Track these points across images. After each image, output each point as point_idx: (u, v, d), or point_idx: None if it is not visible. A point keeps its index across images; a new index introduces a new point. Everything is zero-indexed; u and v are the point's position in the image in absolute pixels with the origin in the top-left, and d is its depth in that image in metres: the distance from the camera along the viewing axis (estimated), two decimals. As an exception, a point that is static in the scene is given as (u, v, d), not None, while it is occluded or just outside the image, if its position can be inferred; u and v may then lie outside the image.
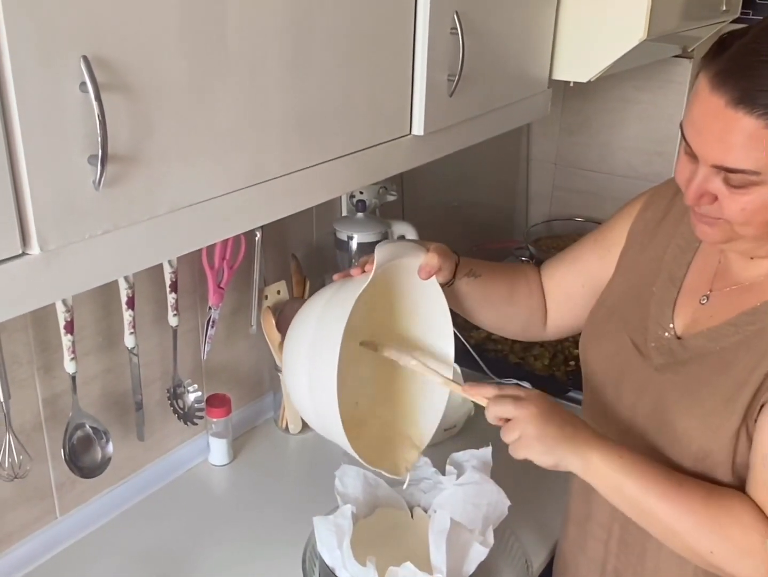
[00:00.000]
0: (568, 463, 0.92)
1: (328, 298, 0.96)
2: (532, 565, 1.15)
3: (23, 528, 1.20)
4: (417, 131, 1.09)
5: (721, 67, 0.81)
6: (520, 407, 0.92)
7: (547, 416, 0.92)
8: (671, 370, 0.97)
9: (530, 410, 0.92)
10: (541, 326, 1.20)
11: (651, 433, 0.99)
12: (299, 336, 0.97)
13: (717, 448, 0.92)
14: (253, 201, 0.88)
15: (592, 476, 0.93)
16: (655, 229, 1.07)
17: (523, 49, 1.30)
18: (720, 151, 0.82)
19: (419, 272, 1.00)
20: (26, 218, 0.67)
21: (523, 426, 0.92)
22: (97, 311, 1.21)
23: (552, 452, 0.91)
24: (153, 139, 0.74)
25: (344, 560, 1.04)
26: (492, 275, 1.13)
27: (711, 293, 0.99)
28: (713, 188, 0.85)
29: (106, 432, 1.20)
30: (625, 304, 1.06)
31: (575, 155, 2.16)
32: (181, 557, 1.24)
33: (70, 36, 0.65)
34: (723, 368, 0.92)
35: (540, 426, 0.91)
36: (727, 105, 0.80)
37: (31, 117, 0.64)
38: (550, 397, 0.96)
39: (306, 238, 1.58)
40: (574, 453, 0.91)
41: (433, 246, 1.02)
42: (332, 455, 1.35)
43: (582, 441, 0.92)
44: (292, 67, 0.87)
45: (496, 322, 1.19)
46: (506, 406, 0.93)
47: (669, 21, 1.40)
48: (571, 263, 1.17)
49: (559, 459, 0.92)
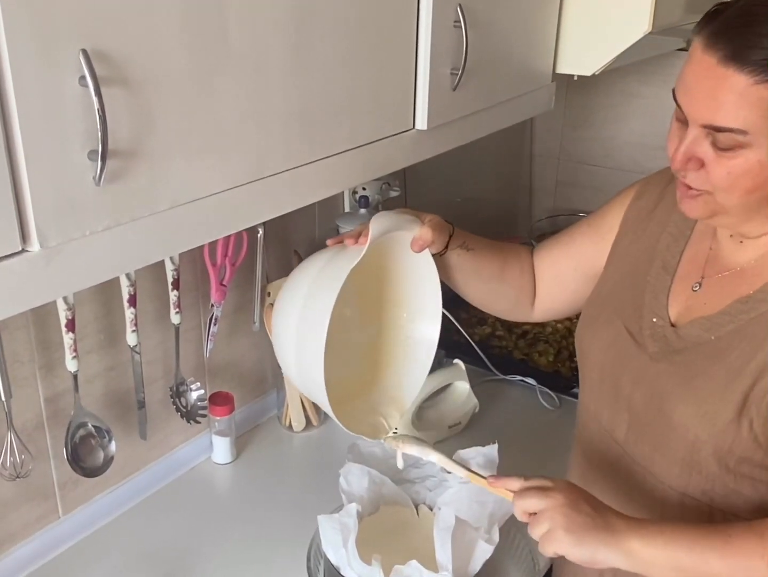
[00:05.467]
0: (605, 557, 0.86)
1: (321, 266, 0.97)
2: (539, 563, 1.14)
3: (26, 528, 1.20)
4: (420, 126, 1.08)
5: (714, 29, 0.82)
6: (546, 498, 0.88)
7: (576, 505, 0.87)
8: (666, 359, 0.97)
9: (557, 500, 0.87)
10: (529, 307, 1.20)
11: (647, 421, 0.99)
12: (290, 301, 0.97)
13: (711, 437, 0.91)
14: (256, 197, 0.87)
15: (639, 564, 0.86)
16: (647, 218, 1.07)
17: (527, 42, 1.29)
18: (710, 109, 0.83)
19: (412, 245, 1.01)
20: (26, 215, 0.66)
21: (550, 518, 0.87)
22: (98, 309, 1.20)
23: (583, 544, 0.86)
24: (154, 134, 0.73)
25: (349, 558, 1.03)
26: (484, 251, 1.13)
27: (703, 280, 0.99)
28: (701, 152, 0.86)
29: (108, 431, 1.19)
30: (619, 293, 1.06)
31: (579, 150, 2.15)
32: (185, 556, 1.23)
33: (69, 29, 0.64)
34: (718, 356, 0.92)
35: (567, 516, 0.86)
36: (718, 63, 0.81)
37: (30, 112, 0.63)
38: (575, 484, 0.92)
39: (308, 234, 1.58)
40: (610, 545, 0.86)
41: (428, 219, 1.02)
42: (336, 452, 1.34)
43: (616, 529, 0.86)
44: (295, 61, 0.86)
45: (484, 297, 1.19)
46: (532, 499, 0.89)
47: (673, 14, 1.39)
48: (564, 246, 1.17)
49: (593, 551, 0.86)
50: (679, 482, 0.97)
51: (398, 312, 1.10)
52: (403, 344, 1.10)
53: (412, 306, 1.09)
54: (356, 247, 0.96)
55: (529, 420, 1.59)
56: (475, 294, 1.17)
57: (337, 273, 0.92)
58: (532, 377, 1.69)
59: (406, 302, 1.09)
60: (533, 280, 1.19)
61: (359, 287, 1.02)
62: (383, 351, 1.11)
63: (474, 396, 1.54)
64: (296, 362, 0.97)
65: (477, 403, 1.54)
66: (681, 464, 0.96)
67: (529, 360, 1.76)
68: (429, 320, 1.08)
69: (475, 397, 1.54)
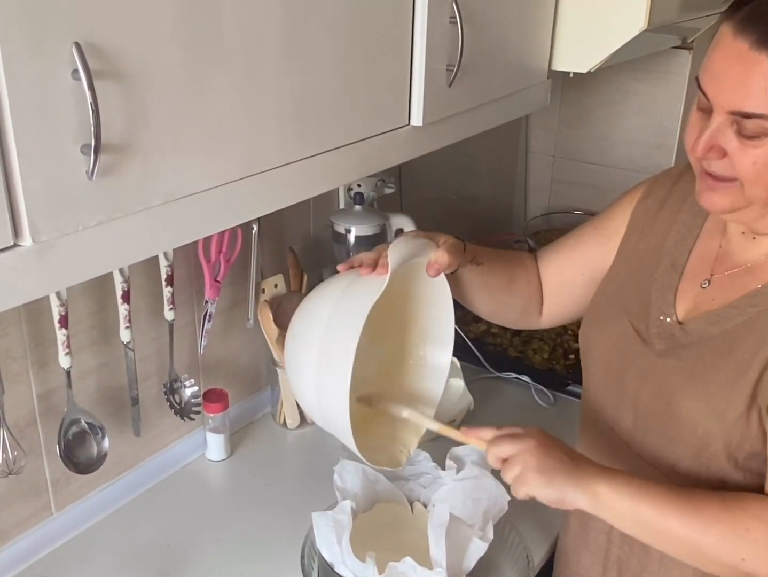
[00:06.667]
0: (573, 498, 0.89)
1: (338, 296, 0.93)
2: (533, 560, 1.14)
3: (18, 525, 1.19)
4: (416, 122, 1.08)
5: (746, 14, 0.81)
6: (519, 443, 0.91)
7: (547, 448, 0.90)
8: (674, 355, 0.97)
9: (530, 444, 0.90)
10: (537, 315, 1.20)
11: (655, 419, 0.98)
12: (308, 333, 0.93)
13: (720, 432, 0.91)
14: (250, 192, 0.87)
15: (602, 509, 0.89)
16: (655, 217, 1.07)
17: (523, 38, 1.28)
18: (739, 95, 0.81)
19: (428, 270, 0.98)
20: (18, 209, 0.65)
21: (522, 460, 0.89)
22: (92, 305, 1.20)
23: (553, 484, 0.88)
24: (147, 128, 0.73)
25: (343, 555, 1.03)
26: (493, 263, 1.12)
27: (712, 277, 0.98)
28: (724, 141, 0.84)
29: (101, 427, 1.18)
30: (626, 291, 1.05)
31: (574, 148, 2.15)
32: (179, 553, 1.23)
33: (61, 22, 0.63)
34: (726, 350, 0.92)
35: (539, 458, 0.89)
36: (750, 48, 0.80)
37: (23, 106, 0.63)
38: (550, 434, 0.93)
39: (303, 231, 1.57)
40: (579, 486, 0.88)
41: (442, 241, 1.00)
42: (330, 450, 1.34)
43: (585, 473, 0.89)
44: (290, 56, 0.86)
45: (493, 309, 1.18)
46: (505, 445, 0.91)
47: (669, 11, 1.39)
48: (569, 251, 1.16)
49: (562, 493, 0.89)
50: (687, 477, 0.97)
51: (410, 335, 1.07)
52: (416, 367, 1.07)
53: (424, 329, 1.06)
54: (375, 277, 0.93)
55: (524, 418, 1.58)
56: (484, 307, 1.15)
57: (358, 308, 0.89)
58: (526, 374, 1.68)
59: (418, 325, 1.06)
60: (540, 288, 1.18)
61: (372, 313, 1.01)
62: (395, 375, 1.08)
63: (469, 393, 1.54)
64: (317, 400, 0.93)
65: (472, 400, 1.54)
66: (689, 460, 0.96)
67: (523, 357, 1.76)
68: (441, 342, 1.06)
69: (470, 394, 1.54)
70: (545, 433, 0.93)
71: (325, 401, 0.92)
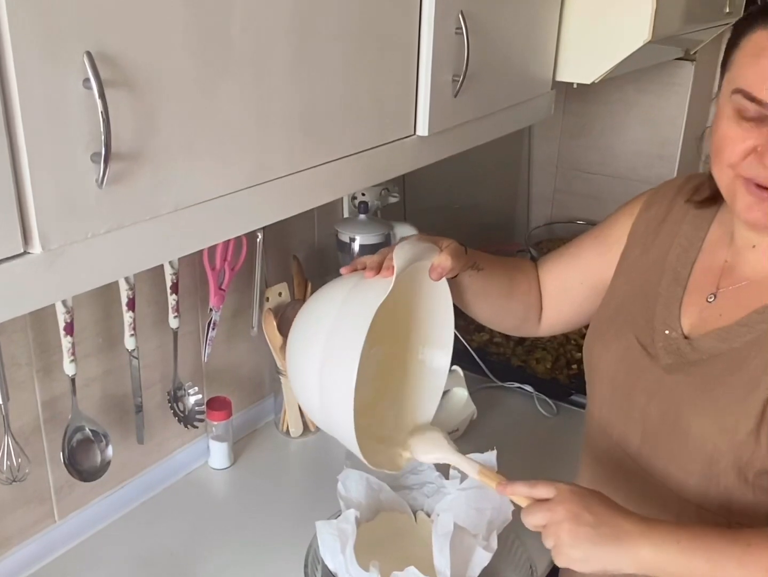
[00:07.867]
0: (616, 566, 0.84)
1: (342, 299, 0.93)
2: (537, 570, 1.14)
3: (21, 532, 1.19)
4: (421, 132, 1.09)
5: None
6: (548, 512, 0.86)
7: (578, 518, 0.84)
8: (682, 371, 0.96)
9: (559, 515, 0.85)
10: (536, 322, 1.20)
11: (663, 435, 0.98)
12: (311, 336, 0.94)
13: (730, 448, 0.91)
14: (257, 201, 0.87)
15: (651, 570, 0.84)
16: (657, 230, 1.06)
17: (528, 49, 1.29)
18: None
19: (431, 273, 0.98)
20: (28, 217, 0.66)
21: (553, 533, 0.85)
22: (97, 313, 1.20)
23: (589, 559, 0.84)
24: (157, 137, 0.73)
25: (347, 565, 1.03)
26: (493, 269, 1.12)
27: (718, 291, 0.98)
28: None
29: (105, 435, 1.18)
30: (630, 305, 1.05)
31: (577, 158, 2.16)
32: (181, 561, 1.22)
33: (73, 31, 0.64)
34: (736, 367, 0.91)
35: (569, 531, 0.84)
36: None
37: (34, 114, 0.63)
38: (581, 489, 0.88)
39: (307, 239, 1.57)
40: (618, 554, 0.83)
41: (445, 245, 1.00)
42: (334, 458, 1.34)
43: (625, 536, 0.83)
44: (297, 66, 0.86)
45: (492, 315, 1.18)
46: (536, 514, 0.87)
47: (673, 23, 1.39)
48: (570, 259, 1.16)
49: (601, 564, 0.84)
50: (696, 494, 0.96)
51: (410, 337, 1.07)
52: (416, 370, 1.07)
53: (424, 331, 1.06)
54: (379, 280, 0.92)
55: (527, 427, 1.59)
56: (484, 313, 1.15)
57: (364, 309, 0.89)
58: (529, 383, 1.68)
59: (418, 328, 1.07)
60: (540, 295, 1.18)
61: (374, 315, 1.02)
62: (394, 378, 1.08)
63: (472, 403, 1.54)
64: (320, 403, 0.93)
65: (475, 409, 1.54)
66: (698, 476, 0.95)
67: (526, 367, 1.76)
68: (441, 345, 1.06)
69: (473, 403, 1.54)
70: (575, 493, 0.87)
71: (328, 402, 0.92)
